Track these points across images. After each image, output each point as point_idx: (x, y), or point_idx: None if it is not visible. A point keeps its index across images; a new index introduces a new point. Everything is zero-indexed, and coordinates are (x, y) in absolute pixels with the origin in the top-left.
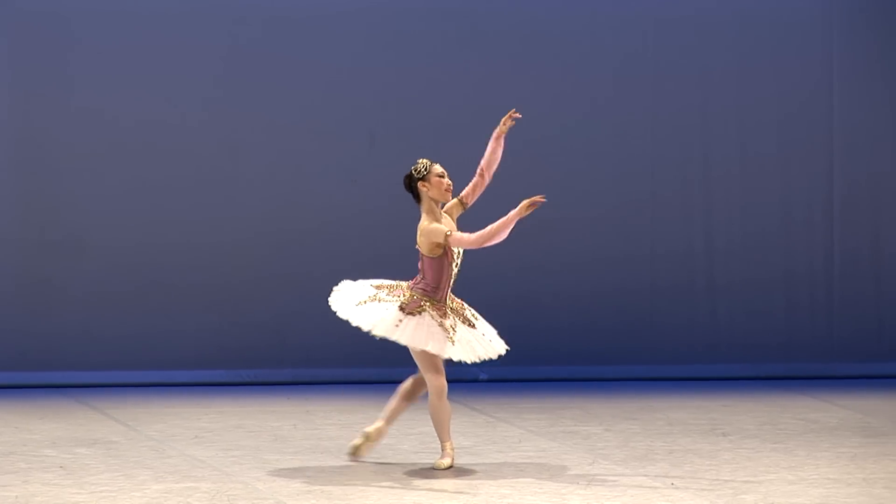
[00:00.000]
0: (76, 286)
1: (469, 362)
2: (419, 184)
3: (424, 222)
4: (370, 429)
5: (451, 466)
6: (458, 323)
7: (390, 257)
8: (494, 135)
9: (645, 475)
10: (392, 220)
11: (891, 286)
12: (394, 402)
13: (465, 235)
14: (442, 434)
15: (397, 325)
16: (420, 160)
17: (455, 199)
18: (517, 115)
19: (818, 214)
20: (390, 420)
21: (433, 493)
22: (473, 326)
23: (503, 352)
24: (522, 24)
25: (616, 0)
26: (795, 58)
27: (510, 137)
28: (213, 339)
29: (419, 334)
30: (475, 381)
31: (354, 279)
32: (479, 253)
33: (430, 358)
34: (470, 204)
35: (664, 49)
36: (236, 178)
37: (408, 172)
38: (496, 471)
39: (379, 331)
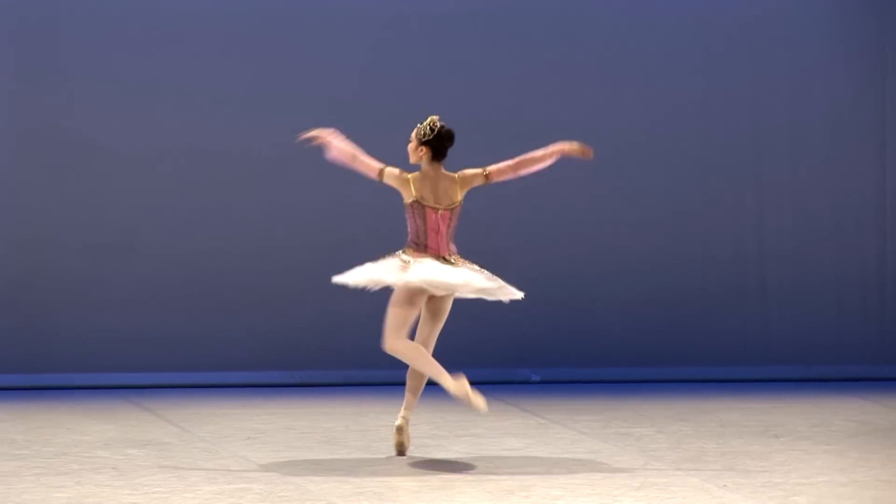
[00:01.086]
0: (128, 288)
1: (421, 284)
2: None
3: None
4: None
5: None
6: (430, 260)
7: None
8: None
9: (697, 477)
10: None
11: None
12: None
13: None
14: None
15: (356, 270)
16: (436, 119)
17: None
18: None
19: (870, 218)
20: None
21: (485, 493)
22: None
23: (481, 286)
24: (571, 28)
25: (667, 9)
26: (847, 61)
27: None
28: (265, 341)
29: (367, 271)
30: (527, 382)
31: None
32: (537, 257)
33: (396, 301)
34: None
35: (715, 55)
36: (287, 181)
37: (450, 132)
38: (548, 472)
39: (340, 278)
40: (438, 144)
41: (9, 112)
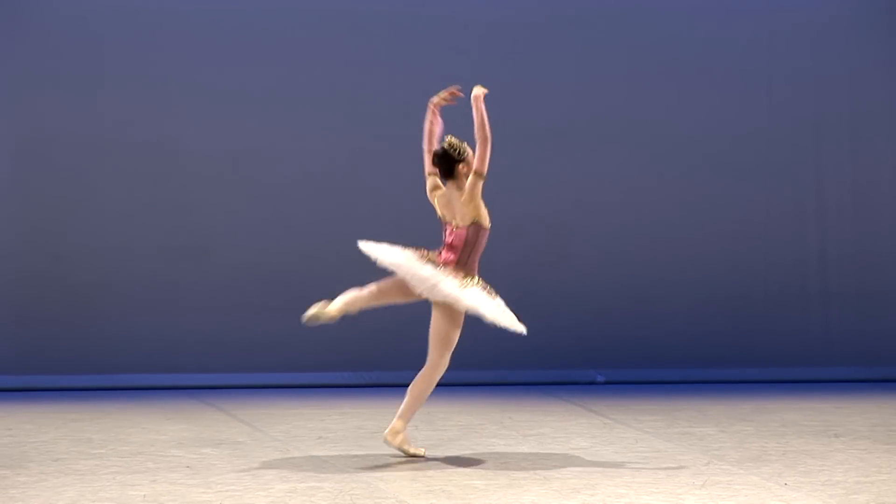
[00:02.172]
0: (202, 291)
1: (504, 324)
2: (460, 165)
3: (467, 195)
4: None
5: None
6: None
7: (501, 258)
8: (431, 106)
9: (759, 475)
10: (507, 222)
11: None
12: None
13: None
14: (407, 412)
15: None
16: (450, 139)
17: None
18: (458, 93)
19: None
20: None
21: (552, 492)
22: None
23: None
24: (633, 35)
25: (727, 16)
26: None
27: (634, 147)
28: (336, 343)
29: (484, 301)
30: (592, 383)
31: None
32: (601, 260)
33: (453, 333)
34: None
35: (777, 58)
36: (353, 184)
37: (441, 151)
38: (613, 471)
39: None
40: (440, 166)
41: (82, 118)
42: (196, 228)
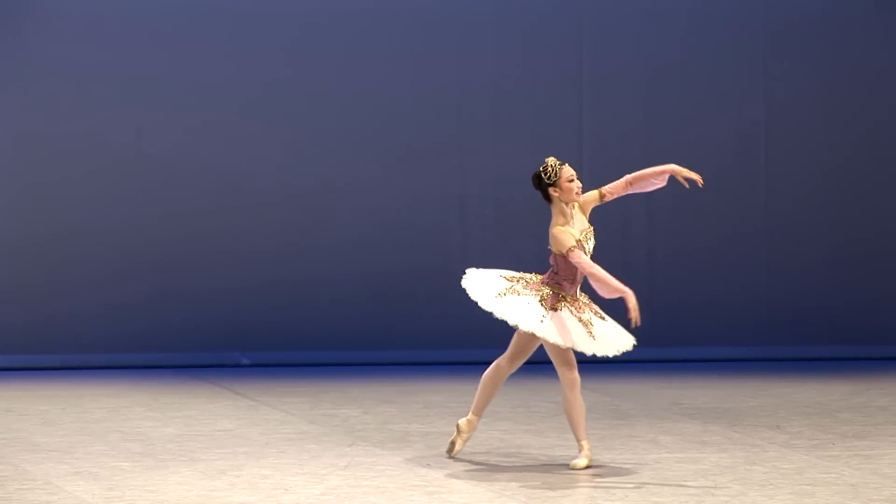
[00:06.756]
0: None
1: (610, 356)
2: (550, 189)
3: (556, 226)
4: (461, 421)
5: (588, 466)
6: (593, 316)
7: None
8: (668, 168)
9: (401, 456)
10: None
11: (658, 276)
12: (480, 392)
13: (585, 261)
14: (577, 431)
15: (542, 321)
16: (549, 160)
17: (595, 192)
18: (699, 182)
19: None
20: (479, 411)
21: (197, 473)
22: (605, 319)
23: (631, 345)
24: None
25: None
26: (548, 48)
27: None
28: None
29: (564, 331)
30: (238, 365)
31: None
32: (250, 251)
33: (563, 352)
34: (608, 200)
35: (427, 31)
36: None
37: (536, 172)
38: (258, 452)
39: (525, 325)
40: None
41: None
42: None
